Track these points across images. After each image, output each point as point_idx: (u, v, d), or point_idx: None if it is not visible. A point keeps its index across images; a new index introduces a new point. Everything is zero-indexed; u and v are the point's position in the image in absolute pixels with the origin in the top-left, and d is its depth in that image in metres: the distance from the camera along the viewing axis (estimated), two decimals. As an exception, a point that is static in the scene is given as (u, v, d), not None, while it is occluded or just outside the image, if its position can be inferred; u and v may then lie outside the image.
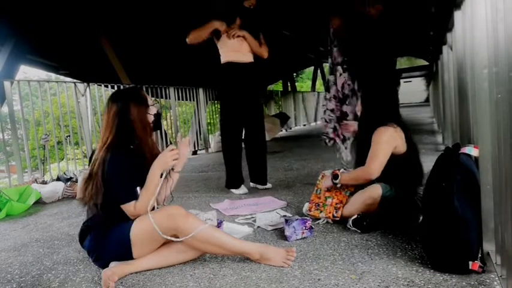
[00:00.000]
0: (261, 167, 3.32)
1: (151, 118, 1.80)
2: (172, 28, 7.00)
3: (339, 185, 2.20)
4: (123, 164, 1.69)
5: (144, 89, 5.95)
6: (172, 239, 1.66)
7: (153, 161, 1.72)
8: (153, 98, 1.85)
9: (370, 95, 2.23)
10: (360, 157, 2.20)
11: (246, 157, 3.32)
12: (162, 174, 1.72)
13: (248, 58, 3.21)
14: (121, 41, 6.99)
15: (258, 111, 3.33)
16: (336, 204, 2.17)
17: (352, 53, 4.10)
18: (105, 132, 1.73)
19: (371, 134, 2.10)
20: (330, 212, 2.17)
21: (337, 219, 2.15)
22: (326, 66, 18.41)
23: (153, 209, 1.71)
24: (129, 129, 1.72)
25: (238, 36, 3.11)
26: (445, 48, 4.26)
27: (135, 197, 1.69)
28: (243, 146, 3.31)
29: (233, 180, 3.26)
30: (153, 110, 1.81)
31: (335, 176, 2.19)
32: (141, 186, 1.71)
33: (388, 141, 2.06)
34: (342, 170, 2.36)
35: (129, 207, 1.69)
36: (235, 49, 3.15)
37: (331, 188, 2.24)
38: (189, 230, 1.63)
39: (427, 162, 2.09)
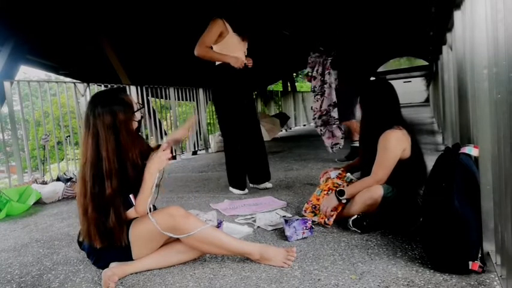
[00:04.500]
0: (263, 164, 3.31)
1: (135, 125, 1.75)
2: (172, 28, 7.03)
3: (344, 201, 2.10)
4: None
5: (144, 89, 5.96)
6: (172, 235, 1.65)
7: (140, 165, 1.70)
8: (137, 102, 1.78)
9: (369, 98, 2.20)
10: (366, 161, 2.15)
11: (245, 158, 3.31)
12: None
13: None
14: (121, 41, 7.00)
15: (253, 111, 3.40)
16: (331, 211, 2.14)
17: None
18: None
19: (376, 139, 2.07)
20: (322, 218, 2.15)
21: (328, 226, 2.13)
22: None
23: (150, 209, 1.70)
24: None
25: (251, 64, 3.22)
26: (445, 48, 4.26)
27: (130, 205, 1.68)
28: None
29: (238, 180, 3.25)
30: (137, 116, 1.75)
31: (340, 192, 2.09)
32: (131, 193, 1.68)
33: (396, 146, 2.02)
34: (347, 175, 2.32)
35: (130, 214, 1.69)
36: (235, 50, 3.14)
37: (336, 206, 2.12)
38: (189, 229, 1.63)
39: (427, 162, 2.09)
